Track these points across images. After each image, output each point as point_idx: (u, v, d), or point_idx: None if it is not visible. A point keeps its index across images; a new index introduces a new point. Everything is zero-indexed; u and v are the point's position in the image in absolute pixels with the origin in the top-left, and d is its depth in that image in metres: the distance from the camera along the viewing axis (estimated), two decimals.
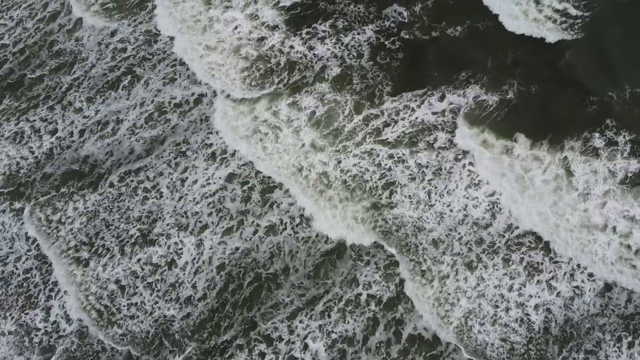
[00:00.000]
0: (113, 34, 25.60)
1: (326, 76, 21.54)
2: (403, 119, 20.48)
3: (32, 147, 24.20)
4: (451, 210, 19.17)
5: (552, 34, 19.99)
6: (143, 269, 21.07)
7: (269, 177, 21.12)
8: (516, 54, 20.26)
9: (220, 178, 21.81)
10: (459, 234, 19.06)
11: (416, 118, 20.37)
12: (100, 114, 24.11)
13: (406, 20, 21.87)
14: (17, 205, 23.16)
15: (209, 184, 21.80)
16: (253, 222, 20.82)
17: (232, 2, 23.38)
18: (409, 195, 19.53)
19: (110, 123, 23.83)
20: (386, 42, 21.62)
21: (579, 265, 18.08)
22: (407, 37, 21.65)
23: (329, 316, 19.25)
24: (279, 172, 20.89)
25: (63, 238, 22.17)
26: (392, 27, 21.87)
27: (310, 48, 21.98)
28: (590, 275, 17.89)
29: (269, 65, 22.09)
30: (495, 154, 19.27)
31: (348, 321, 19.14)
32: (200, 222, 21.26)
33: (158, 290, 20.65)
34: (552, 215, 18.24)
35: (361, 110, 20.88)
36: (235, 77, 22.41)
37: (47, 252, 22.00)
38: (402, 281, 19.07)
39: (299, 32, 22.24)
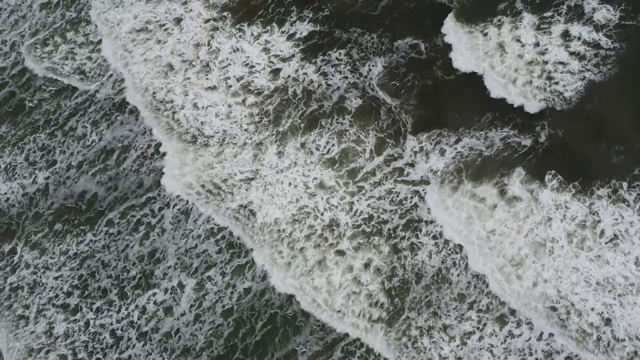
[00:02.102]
0: None
1: (348, 107, 20.18)
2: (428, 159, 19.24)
3: (24, 184, 23.01)
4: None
5: (570, 86, 18.23)
6: (140, 318, 19.77)
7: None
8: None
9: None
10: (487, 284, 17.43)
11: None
12: (105, 141, 22.89)
13: (424, 57, 20.49)
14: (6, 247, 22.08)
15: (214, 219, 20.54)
16: None
17: (245, 33, 22.00)
18: (434, 235, 18.28)
19: (116, 151, 22.69)
20: (405, 77, 20.27)
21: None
22: (429, 72, 20.24)
23: None
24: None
25: (50, 287, 21.02)
26: (412, 60, 20.55)
27: (325, 76, 20.79)
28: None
29: (285, 98, 20.78)
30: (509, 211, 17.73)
31: None
32: (207, 262, 20.01)
33: (152, 341, 19.35)
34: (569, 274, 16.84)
35: (383, 149, 19.60)
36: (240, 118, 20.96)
37: None
38: None
39: (314, 61, 21.02)
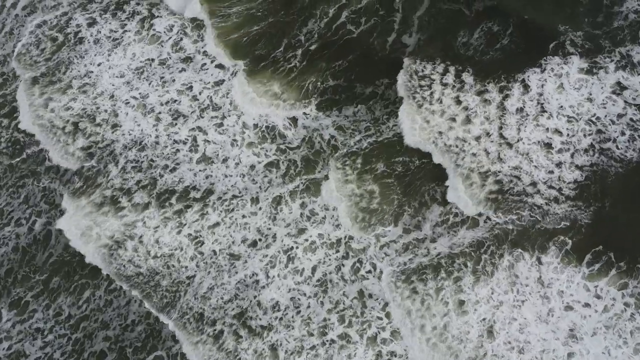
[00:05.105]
0: None
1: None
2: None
3: (19, 233, 21.53)
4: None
5: (625, 144, 16.66)
6: None
7: None
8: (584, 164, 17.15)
9: None
10: None
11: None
12: None
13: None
14: None
15: None
16: None
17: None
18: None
19: None
20: None
21: None
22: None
23: None
24: None
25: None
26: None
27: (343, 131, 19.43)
28: None
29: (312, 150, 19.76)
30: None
31: None
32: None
33: None
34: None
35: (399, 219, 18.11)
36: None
37: None
38: None
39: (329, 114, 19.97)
